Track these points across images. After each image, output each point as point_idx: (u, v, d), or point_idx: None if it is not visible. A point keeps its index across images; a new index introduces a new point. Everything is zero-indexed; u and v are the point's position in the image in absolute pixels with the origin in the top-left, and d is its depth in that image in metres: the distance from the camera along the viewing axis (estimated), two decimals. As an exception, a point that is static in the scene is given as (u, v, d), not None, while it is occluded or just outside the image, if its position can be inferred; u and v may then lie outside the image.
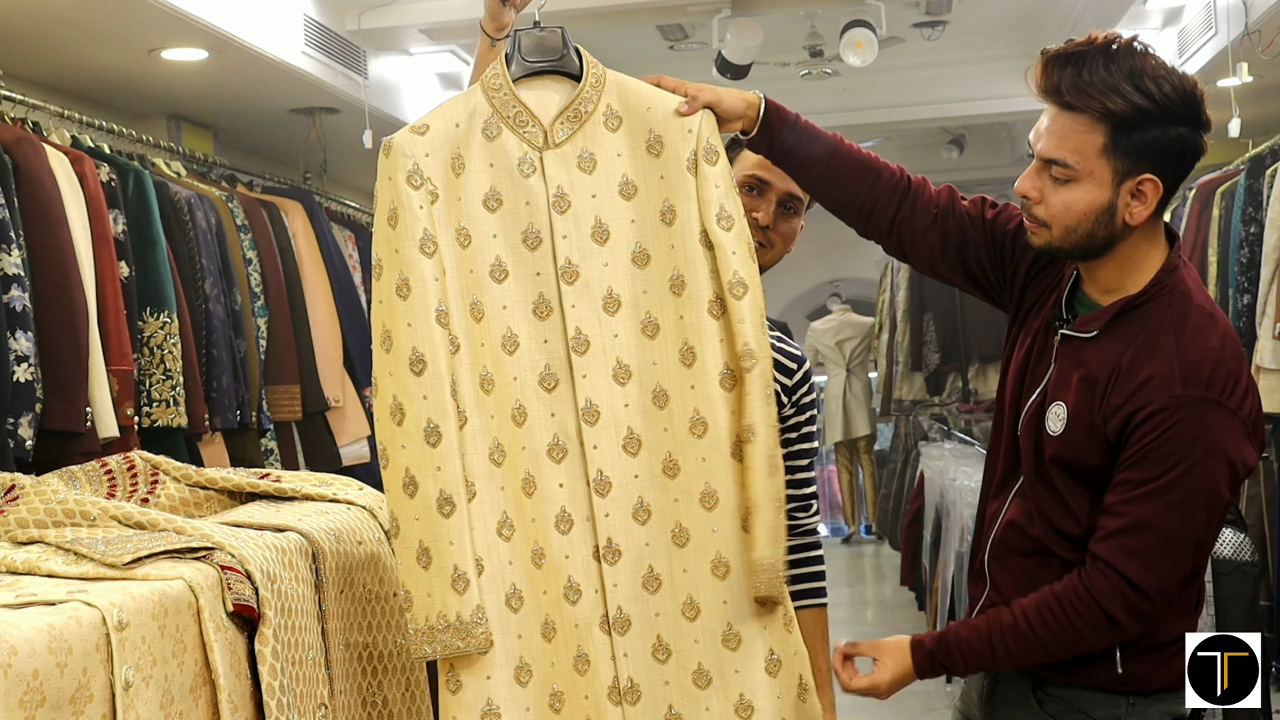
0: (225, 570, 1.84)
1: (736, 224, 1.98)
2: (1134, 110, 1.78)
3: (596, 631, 1.98)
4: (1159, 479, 1.78)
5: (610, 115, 2.01)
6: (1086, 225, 1.83)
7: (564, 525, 1.99)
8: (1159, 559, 1.79)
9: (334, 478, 2.45)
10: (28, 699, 1.43)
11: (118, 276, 3.49)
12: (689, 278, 1.97)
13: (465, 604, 1.88)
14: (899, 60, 6.69)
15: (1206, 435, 1.77)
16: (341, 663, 2.07)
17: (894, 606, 7.56)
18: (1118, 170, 1.81)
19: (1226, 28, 4.89)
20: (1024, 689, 1.94)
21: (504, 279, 1.99)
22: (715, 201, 1.97)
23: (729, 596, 1.97)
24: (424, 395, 1.90)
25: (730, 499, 1.96)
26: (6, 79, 3.61)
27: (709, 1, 5.03)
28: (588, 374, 1.99)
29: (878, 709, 5.33)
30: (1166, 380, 1.79)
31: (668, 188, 1.99)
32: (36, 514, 1.96)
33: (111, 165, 3.64)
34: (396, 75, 5.64)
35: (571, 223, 1.99)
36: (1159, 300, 1.85)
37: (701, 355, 1.96)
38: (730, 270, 1.95)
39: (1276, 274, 4.75)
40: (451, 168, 1.98)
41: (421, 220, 1.93)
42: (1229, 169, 5.64)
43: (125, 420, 3.42)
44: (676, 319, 1.98)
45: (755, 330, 1.95)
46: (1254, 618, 3.97)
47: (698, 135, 1.99)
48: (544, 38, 2.02)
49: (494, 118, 2.00)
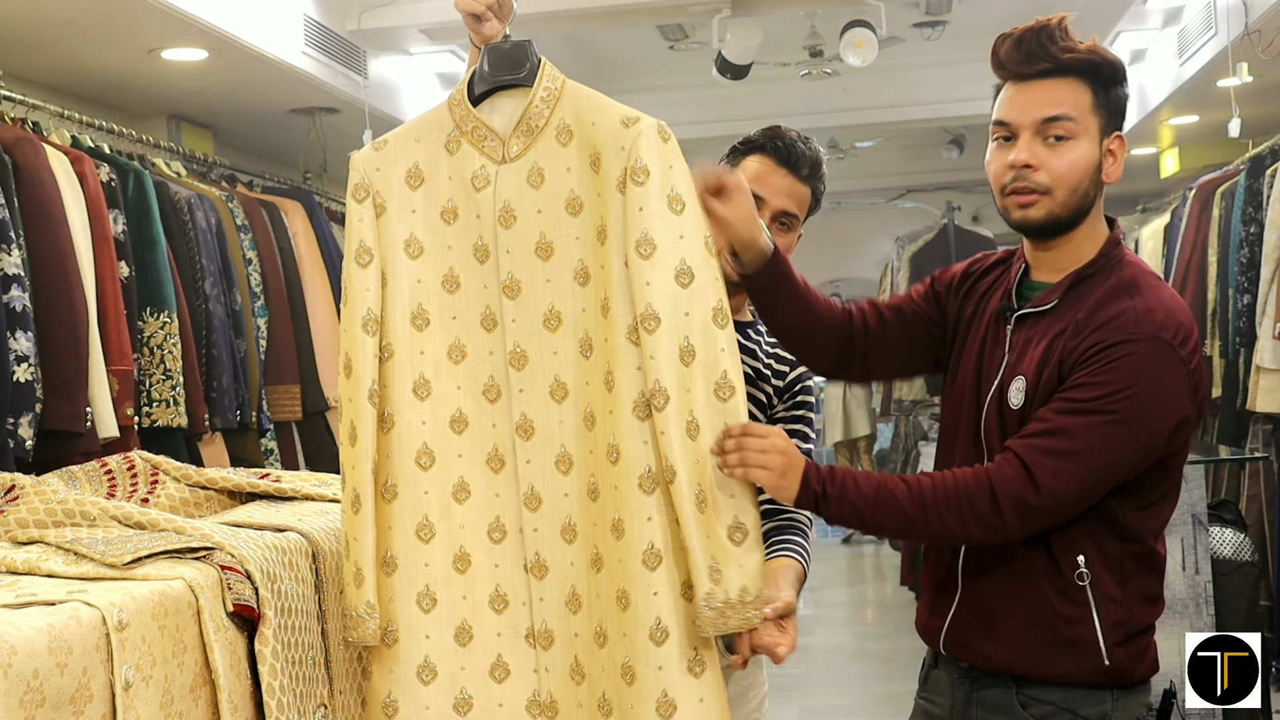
0: (225, 570, 1.84)
1: (659, 251, 1.86)
2: (1104, 65, 1.88)
3: (522, 643, 1.98)
4: (1095, 400, 1.78)
5: (562, 129, 1.96)
6: (1085, 184, 1.88)
7: (497, 534, 1.99)
8: (1068, 465, 1.78)
9: (334, 478, 2.45)
10: (28, 699, 1.44)
11: (118, 276, 3.49)
12: (613, 301, 1.90)
13: (360, 597, 1.95)
14: (899, 60, 6.70)
15: (1153, 372, 1.78)
16: (341, 663, 2.07)
17: (894, 606, 7.56)
18: (1102, 126, 1.89)
19: (1226, 28, 4.88)
20: (1006, 695, 1.91)
21: (455, 290, 2.00)
22: (638, 226, 1.87)
23: (627, 630, 1.88)
24: (349, 398, 1.99)
25: (634, 532, 1.87)
26: (6, 79, 3.61)
27: (709, 1, 5.03)
28: (525, 389, 1.97)
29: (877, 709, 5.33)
30: (1122, 322, 1.81)
31: (603, 206, 1.92)
32: (36, 514, 1.96)
33: (111, 165, 3.64)
34: (396, 75, 5.64)
35: (516, 237, 1.97)
36: (1109, 270, 1.90)
37: (618, 381, 1.89)
38: (644, 302, 1.86)
39: (1276, 274, 4.75)
40: (407, 180, 2.00)
41: (359, 232, 1.99)
42: (1229, 169, 5.65)
43: (125, 420, 3.43)
44: (603, 341, 1.93)
45: (669, 365, 1.85)
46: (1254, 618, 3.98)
47: (629, 153, 1.89)
48: (510, 52, 2.00)
49: (455, 132, 2.01)
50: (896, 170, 9.92)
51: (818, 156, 2.28)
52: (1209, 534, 3.78)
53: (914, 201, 10.48)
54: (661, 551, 1.87)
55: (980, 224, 9.71)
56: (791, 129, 2.31)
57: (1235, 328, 5.13)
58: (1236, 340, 5.13)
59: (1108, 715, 1.88)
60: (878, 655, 6.42)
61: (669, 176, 1.89)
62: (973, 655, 1.94)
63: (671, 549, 1.88)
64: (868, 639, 6.87)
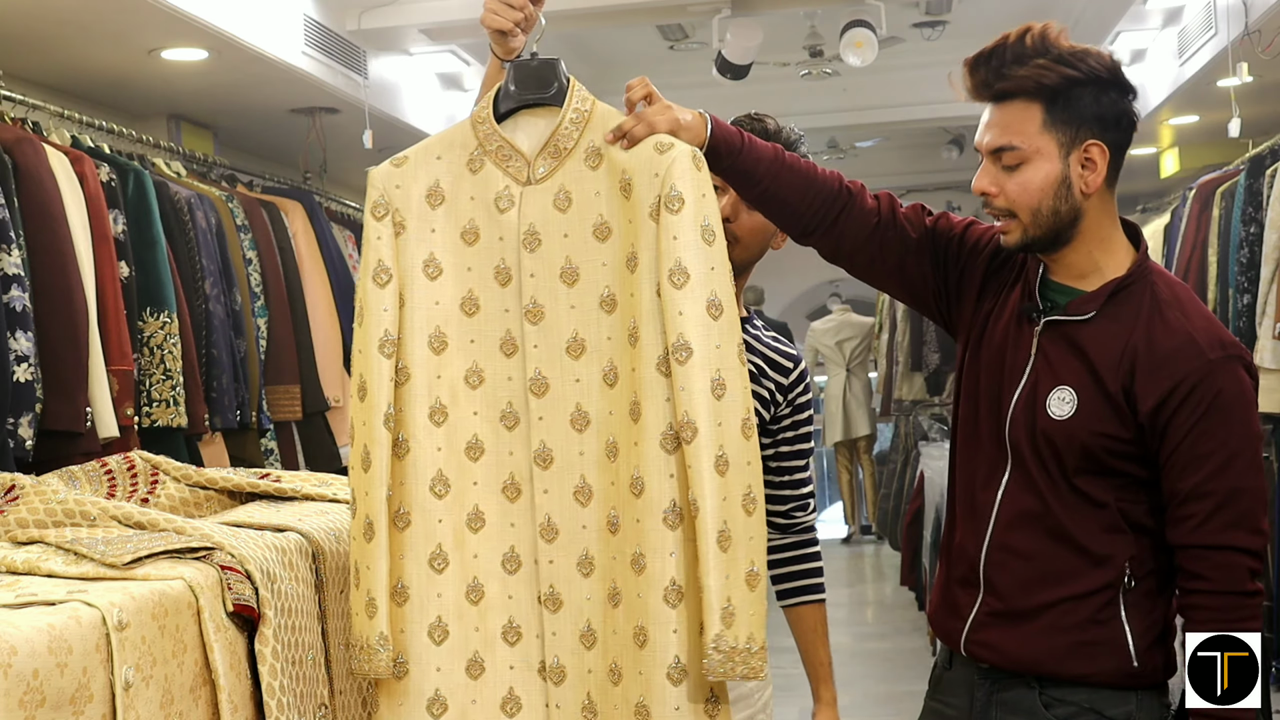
0: (225, 570, 1.84)
1: (692, 281, 1.83)
2: (1063, 80, 1.85)
3: (535, 676, 1.95)
4: (1226, 444, 1.82)
5: (591, 152, 1.93)
6: (1048, 201, 1.88)
7: (511, 565, 1.95)
8: (1258, 518, 1.84)
9: (334, 478, 2.46)
10: (28, 699, 1.43)
11: (118, 276, 3.49)
12: (642, 330, 1.86)
13: (372, 628, 1.91)
14: (899, 60, 6.70)
15: (1242, 388, 1.84)
16: (341, 663, 2.07)
17: (894, 606, 7.56)
18: (1061, 141, 1.87)
19: (1226, 28, 4.88)
20: (1029, 696, 1.91)
21: (474, 313, 1.96)
22: (672, 254, 1.84)
23: (644, 668, 1.84)
24: (363, 421, 1.93)
25: (656, 567, 1.84)
26: (6, 79, 3.61)
27: (709, 1, 5.03)
28: (544, 416, 1.93)
29: (877, 709, 5.34)
30: (1192, 350, 1.84)
31: (634, 232, 1.88)
32: (36, 514, 1.96)
33: (111, 165, 3.64)
34: (396, 75, 5.64)
35: (541, 261, 1.94)
36: (1145, 281, 1.90)
37: (645, 413, 1.85)
38: (676, 332, 1.82)
39: (1276, 274, 4.75)
40: (427, 199, 1.97)
41: (377, 250, 1.94)
42: (1229, 169, 5.64)
43: (125, 420, 3.43)
44: (630, 370, 1.89)
45: (701, 398, 1.81)
46: (1254, 618, 3.96)
47: (663, 180, 1.85)
48: (538, 70, 1.96)
49: (479, 150, 1.97)
50: (896, 170, 9.92)
51: (791, 138, 2.25)
52: (1209, 534, 3.78)
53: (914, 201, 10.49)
54: (684, 589, 1.84)
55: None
56: (769, 115, 2.28)
57: (1235, 328, 5.12)
58: (1236, 340, 5.13)
59: (1132, 716, 1.88)
60: (878, 655, 6.42)
61: (702, 206, 1.86)
62: (996, 655, 1.94)
63: (694, 587, 1.84)
64: (868, 639, 6.86)
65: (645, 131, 1.89)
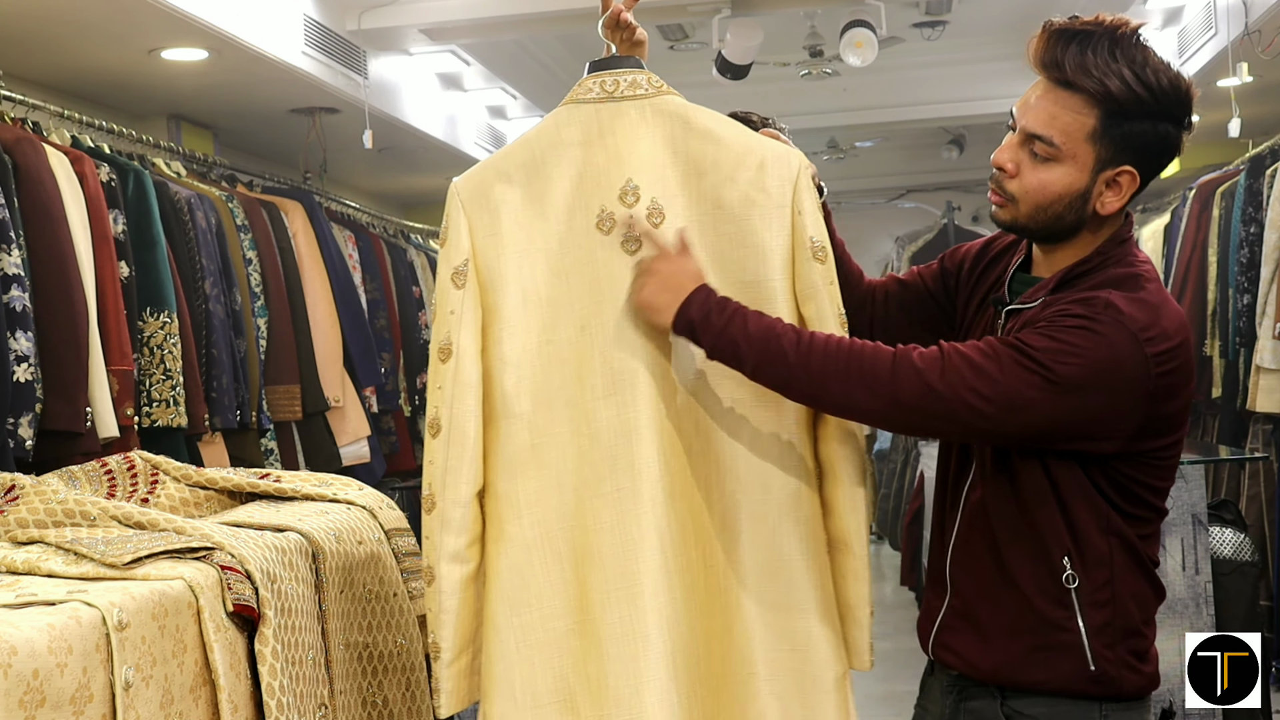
0: (225, 570, 1.84)
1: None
2: (1131, 98, 1.75)
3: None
4: (1038, 351, 1.70)
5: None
6: (1057, 208, 1.80)
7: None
8: (980, 384, 1.71)
9: (334, 478, 2.46)
10: (28, 699, 1.44)
11: (118, 276, 3.49)
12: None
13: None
14: (899, 60, 6.70)
15: (1108, 356, 1.69)
16: (341, 663, 2.07)
17: (894, 606, 7.56)
18: (1100, 158, 1.78)
19: (1226, 28, 4.89)
20: (991, 707, 1.84)
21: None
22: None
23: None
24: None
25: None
26: (6, 79, 3.61)
27: (709, 1, 5.02)
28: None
29: (877, 709, 5.34)
30: (1092, 303, 1.73)
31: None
32: (36, 514, 1.96)
33: (111, 165, 3.64)
34: (396, 75, 5.64)
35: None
36: (1104, 268, 1.81)
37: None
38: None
39: (1276, 274, 4.75)
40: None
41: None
42: (1229, 169, 5.65)
43: (125, 420, 3.43)
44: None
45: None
46: (1254, 618, 3.97)
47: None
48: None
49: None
50: (896, 170, 9.92)
51: (775, 127, 2.23)
52: (1209, 534, 3.78)
53: (914, 201, 10.49)
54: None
55: (980, 224, 9.70)
56: (754, 113, 2.29)
57: (1235, 328, 5.13)
58: (1236, 340, 5.13)
59: None
60: (878, 655, 6.34)
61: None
62: (958, 661, 1.88)
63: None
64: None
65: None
